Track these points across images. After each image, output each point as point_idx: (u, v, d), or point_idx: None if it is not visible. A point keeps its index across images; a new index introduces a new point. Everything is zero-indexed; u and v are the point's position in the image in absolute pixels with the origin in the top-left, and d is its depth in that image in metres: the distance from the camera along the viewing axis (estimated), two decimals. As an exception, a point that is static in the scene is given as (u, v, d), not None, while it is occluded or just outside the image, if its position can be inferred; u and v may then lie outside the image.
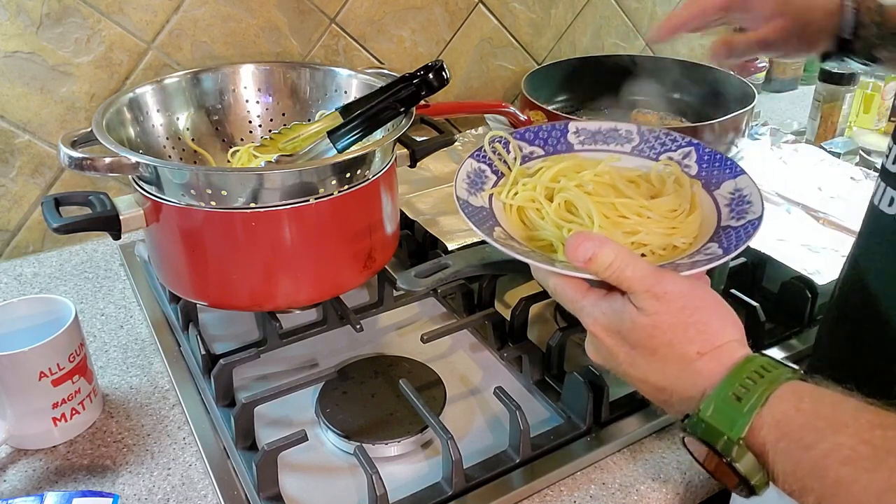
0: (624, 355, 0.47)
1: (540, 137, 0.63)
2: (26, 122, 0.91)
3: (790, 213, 0.97)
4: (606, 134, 0.64)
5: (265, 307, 0.73)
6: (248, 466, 0.61)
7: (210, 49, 0.99)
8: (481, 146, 0.61)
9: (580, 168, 0.59)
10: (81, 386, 0.67)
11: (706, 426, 0.43)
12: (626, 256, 0.46)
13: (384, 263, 0.77)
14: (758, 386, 0.42)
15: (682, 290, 0.46)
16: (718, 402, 0.43)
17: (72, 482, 0.63)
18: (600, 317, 0.48)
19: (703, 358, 0.45)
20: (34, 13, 0.87)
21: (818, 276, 0.81)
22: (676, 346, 0.45)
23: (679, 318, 0.45)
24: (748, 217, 0.54)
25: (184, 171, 0.67)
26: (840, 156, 1.11)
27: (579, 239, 0.47)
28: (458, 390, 0.72)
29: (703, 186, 0.59)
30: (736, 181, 0.58)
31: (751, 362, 0.44)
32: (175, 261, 0.71)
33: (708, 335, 0.45)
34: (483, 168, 0.60)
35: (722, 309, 0.47)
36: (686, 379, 0.45)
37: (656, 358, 0.46)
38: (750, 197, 0.56)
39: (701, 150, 0.61)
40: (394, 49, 1.14)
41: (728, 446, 0.42)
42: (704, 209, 0.57)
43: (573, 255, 0.47)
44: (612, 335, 0.48)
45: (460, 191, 0.57)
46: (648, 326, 0.45)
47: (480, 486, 0.61)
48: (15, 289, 0.90)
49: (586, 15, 1.31)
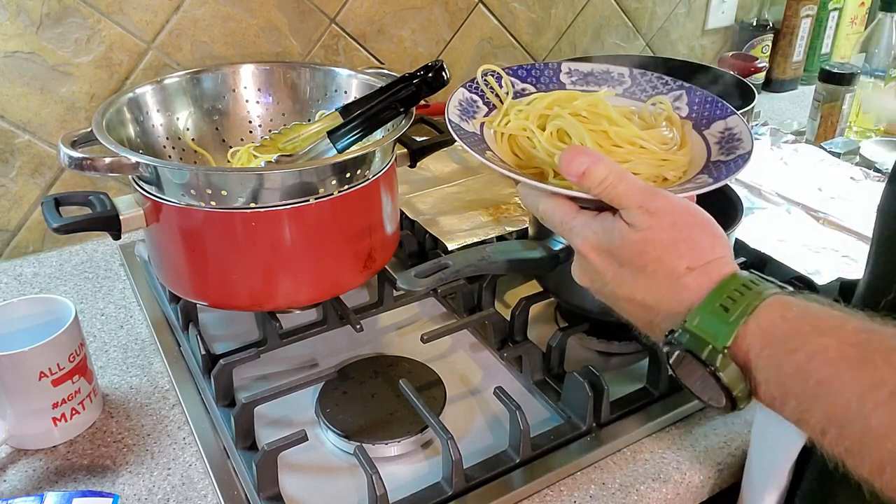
0: (612, 274, 0.47)
1: (532, 76, 0.63)
2: (26, 122, 0.91)
3: (790, 213, 0.97)
4: (599, 76, 0.65)
5: (265, 307, 0.73)
6: (248, 466, 0.61)
7: (210, 49, 0.99)
8: (474, 77, 0.60)
9: (574, 98, 0.59)
10: (81, 386, 0.67)
11: (691, 336, 0.43)
12: (620, 172, 0.46)
13: (384, 263, 0.77)
14: (745, 297, 0.42)
15: (673, 207, 0.46)
16: (705, 314, 0.43)
17: (72, 482, 0.63)
18: (590, 235, 0.48)
19: (692, 273, 0.44)
20: (34, 13, 0.87)
21: (818, 276, 0.81)
22: (666, 261, 0.45)
23: (670, 234, 0.45)
24: (738, 152, 0.54)
25: (184, 171, 0.67)
26: (840, 156, 1.11)
27: (574, 153, 0.47)
28: (458, 390, 0.72)
29: (694, 127, 0.59)
30: (726, 121, 0.58)
31: (738, 277, 0.44)
32: (175, 261, 0.71)
33: (697, 251, 0.45)
34: (475, 98, 0.60)
35: (712, 227, 0.47)
36: (674, 294, 0.45)
37: (645, 274, 0.46)
38: (740, 135, 0.56)
39: (692, 93, 0.61)
40: (394, 49, 1.14)
41: (713, 355, 0.42)
42: (694, 146, 0.57)
43: (567, 169, 0.46)
44: (601, 254, 0.47)
45: (452, 115, 0.56)
46: (639, 242, 0.45)
47: (480, 486, 0.61)
48: (15, 289, 0.90)
49: (586, 15, 1.31)
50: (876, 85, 1.24)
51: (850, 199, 0.99)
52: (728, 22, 1.52)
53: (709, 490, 0.66)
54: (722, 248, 0.46)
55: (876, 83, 1.25)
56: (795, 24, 1.47)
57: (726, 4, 1.49)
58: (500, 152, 0.56)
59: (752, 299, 0.42)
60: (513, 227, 0.89)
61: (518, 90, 0.62)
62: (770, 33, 1.47)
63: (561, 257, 0.68)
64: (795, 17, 1.47)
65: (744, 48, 1.48)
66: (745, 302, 0.42)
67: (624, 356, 0.77)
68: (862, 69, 1.24)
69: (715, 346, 0.42)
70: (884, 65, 1.24)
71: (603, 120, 0.56)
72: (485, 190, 0.98)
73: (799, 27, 1.48)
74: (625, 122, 0.56)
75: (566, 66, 0.64)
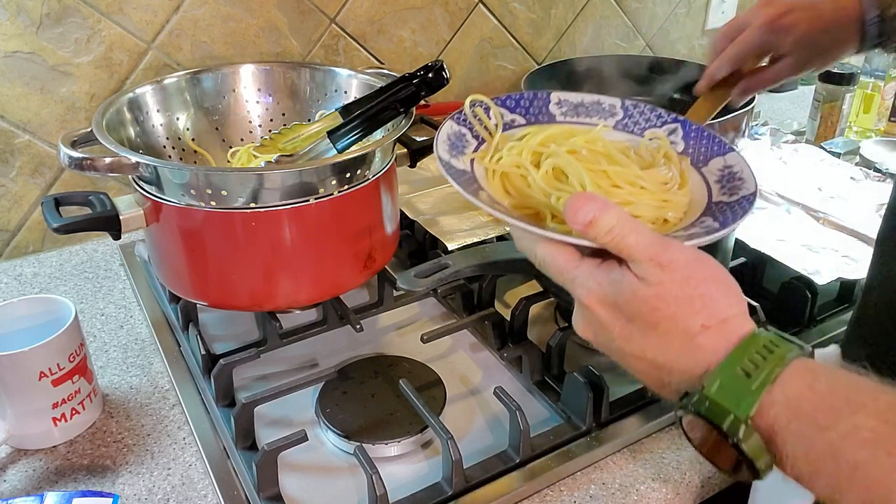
0: (620, 329, 0.44)
1: (521, 106, 0.61)
2: (26, 122, 0.91)
3: (790, 213, 0.97)
4: (589, 106, 0.62)
5: (265, 307, 0.73)
6: (248, 466, 0.61)
7: (210, 49, 0.99)
8: (461, 109, 0.58)
9: (570, 135, 0.57)
10: (81, 386, 0.67)
11: (710, 403, 0.40)
12: (629, 222, 0.43)
13: (384, 263, 0.77)
14: (767, 362, 0.39)
15: (687, 260, 0.43)
16: (725, 379, 0.40)
17: (72, 482, 0.63)
18: (595, 287, 0.44)
19: (708, 332, 0.42)
20: (34, 13, 0.87)
21: (818, 277, 0.81)
22: (680, 319, 0.42)
23: (684, 289, 0.42)
24: (742, 193, 0.52)
25: (184, 171, 0.67)
26: (840, 156, 1.12)
27: (581, 200, 0.43)
28: (458, 390, 0.72)
29: (691, 163, 0.57)
30: (725, 158, 0.56)
31: (758, 337, 0.41)
32: (175, 261, 0.71)
33: (713, 308, 0.42)
34: (464, 131, 0.57)
35: (727, 281, 0.44)
36: (688, 354, 0.42)
37: (657, 332, 0.43)
38: (741, 174, 0.54)
39: (687, 126, 0.59)
40: (394, 49, 1.14)
41: (735, 426, 0.39)
42: (693, 185, 0.55)
43: (573, 218, 0.43)
44: (607, 307, 0.44)
45: (442, 152, 0.53)
46: (651, 297, 0.42)
47: (480, 487, 0.61)
48: (15, 289, 0.90)
49: (586, 15, 1.31)
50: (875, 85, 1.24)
51: (850, 199, 0.99)
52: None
53: (709, 490, 0.66)
54: (738, 303, 0.43)
55: (876, 83, 1.25)
56: (795, 23, 1.47)
57: (726, 4, 1.48)
58: (492, 190, 0.53)
59: (775, 364, 0.39)
60: (513, 227, 0.89)
61: (507, 121, 0.59)
62: (770, 33, 1.47)
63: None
64: (795, 17, 1.47)
65: (744, 48, 1.48)
66: (769, 367, 0.39)
67: (624, 356, 0.77)
68: (862, 69, 1.24)
69: (738, 416, 0.39)
70: (884, 65, 1.24)
71: (602, 159, 0.54)
72: (485, 190, 0.98)
73: (799, 27, 1.47)
74: (625, 160, 0.54)
75: (556, 97, 0.62)
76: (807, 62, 0.74)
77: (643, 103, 0.62)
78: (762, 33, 0.73)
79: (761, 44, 0.73)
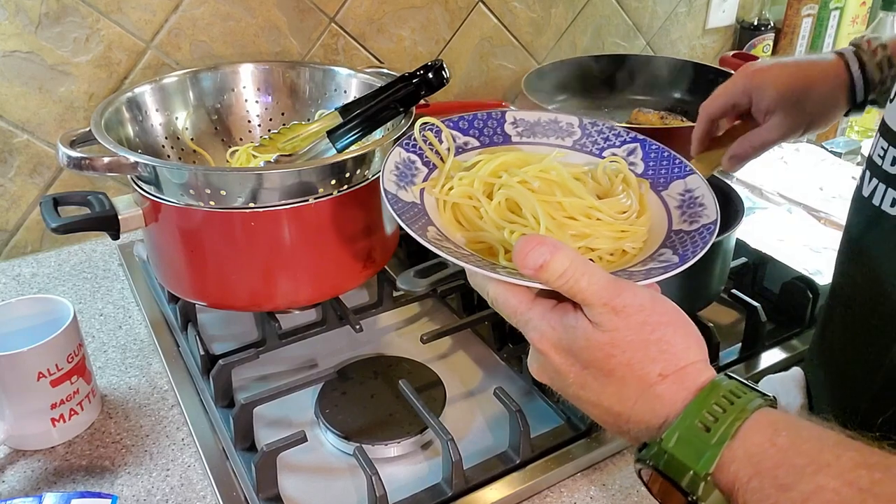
0: (574, 376, 0.42)
1: (475, 127, 0.59)
2: (25, 121, 0.91)
3: (791, 212, 0.96)
4: (546, 126, 0.61)
5: (264, 307, 0.73)
6: (247, 467, 0.61)
7: (209, 48, 0.99)
8: (410, 133, 0.55)
9: (524, 162, 0.54)
10: (80, 386, 0.66)
11: (669, 458, 0.38)
12: (582, 265, 0.41)
13: (384, 263, 0.77)
14: (727, 414, 0.38)
15: (643, 304, 0.41)
16: (683, 432, 0.38)
17: (70, 483, 0.63)
18: (548, 332, 0.43)
19: (666, 381, 0.40)
20: (33, 12, 0.87)
21: (819, 277, 0.81)
22: (636, 366, 0.40)
23: (640, 335, 0.40)
24: (702, 221, 0.50)
25: (183, 171, 0.67)
26: (841, 156, 1.11)
27: (531, 243, 0.41)
28: (458, 390, 0.72)
29: (651, 186, 0.55)
30: (685, 181, 0.54)
31: (718, 387, 0.39)
32: (174, 261, 0.71)
33: (670, 355, 0.41)
34: (413, 158, 0.54)
35: (685, 326, 0.42)
36: (645, 404, 0.40)
37: (612, 380, 0.41)
38: (702, 199, 0.52)
39: (647, 146, 0.57)
40: (394, 48, 1.14)
41: (694, 482, 0.37)
42: (653, 210, 0.53)
43: (522, 262, 0.41)
44: (561, 353, 0.43)
45: (388, 184, 0.51)
46: (605, 344, 0.41)
47: (480, 488, 0.61)
48: (13, 289, 0.89)
49: (586, 14, 1.31)
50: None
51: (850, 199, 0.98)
52: (729, 21, 1.51)
53: (710, 491, 0.65)
54: (697, 349, 0.42)
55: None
56: (796, 23, 1.47)
57: (727, 4, 1.48)
58: (443, 222, 0.51)
59: (735, 416, 0.38)
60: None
61: (460, 144, 0.57)
62: (771, 33, 1.47)
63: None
64: (796, 17, 1.47)
65: (745, 48, 1.48)
66: (729, 420, 0.38)
67: (624, 356, 0.76)
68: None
69: (697, 472, 0.37)
70: (884, 64, 1.24)
71: (556, 189, 0.51)
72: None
73: (800, 26, 1.47)
74: (580, 190, 0.52)
75: (511, 116, 0.60)
76: (794, 123, 0.70)
77: (601, 121, 0.60)
78: (742, 80, 0.71)
79: (742, 91, 0.71)
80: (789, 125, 0.70)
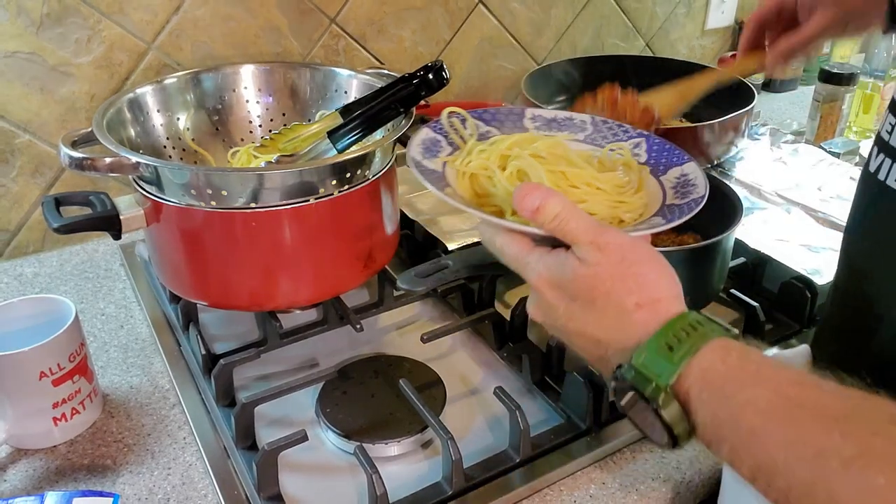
0: (564, 308, 0.48)
1: (497, 119, 0.65)
2: (27, 122, 0.91)
3: (790, 213, 0.97)
4: (561, 122, 0.66)
5: (265, 307, 0.73)
6: (248, 466, 0.61)
7: (210, 49, 0.99)
8: (438, 119, 0.62)
9: (534, 140, 0.60)
10: (82, 386, 0.67)
11: (636, 373, 0.44)
12: (572, 209, 0.47)
13: (384, 263, 0.78)
14: (690, 338, 0.43)
15: (622, 243, 0.47)
16: (650, 352, 0.44)
17: (72, 482, 0.63)
18: (544, 271, 0.49)
19: (641, 310, 0.45)
20: (34, 13, 0.87)
21: (818, 277, 0.81)
22: (614, 296, 0.46)
23: (619, 269, 0.46)
24: (692, 196, 0.55)
25: (184, 172, 0.67)
26: (840, 156, 1.11)
27: (528, 189, 0.48)
28: (458, 390, 0.72)
29: (651, 172, 0.60)
30: (682, 168, 0.60)
31: (685, 317, 0.45)
32: (175, 261, 0.71)
33: (646, 288, 0.46)
34: (439, 139, 0.61)
35: (660, 265, 0.47)
36: (622, 330, 0.46)
37: (594, 308, 0.46)
38: (695, 180, 0.57)
39: (651, 140, 0.63)
40: (394, 49, 1.14)
41: (655, 393, 0.43)
42: (651, 191, 0.58)
43: (521, 204, 0.48)
44: (553, 288, 0.48)
45: (414, 153, 0.58)
46: (589, 276, 0.46)
47: (480, 486, 0.61)
48: (15, 289, 0.90)
49: (586, 15, 1.31)
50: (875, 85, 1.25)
51: (849, 199, 0.98)
52: (728, 22, 1.52)
53: (709, 490, 0.66)
54: (670, 286, 0.47)
55: (875, 83, 1.25)
56: (795, 24, 1.47)
57: (726, 5, 1.49)
58: (460, 189, 0.57)
59: (696, 340, 0.43)
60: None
61: (482, 132, 0.63)
62: (770, 33, 1.47)
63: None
64: (795, 17, 1.47)
65: (744, 48, 1.48)
66: (690, 342, 0.43)
67: (624, 356, 0.77)
68: (862, 69, 1.24)
69: (658, 384, 0.42)
70: (883, 65, 1.24)
71: (562, 161, 0.57)
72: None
73: (799, 27, 1.48)
74: (583, 164, 0.57)
75: (530, 112, 0.66)
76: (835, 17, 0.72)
77: (612, 120, 0.65)
78: None
79: None
80: (830, 18, 0.72)
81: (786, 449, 0.37)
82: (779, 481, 0.38)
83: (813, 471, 0.36)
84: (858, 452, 0.35)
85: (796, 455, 0.37)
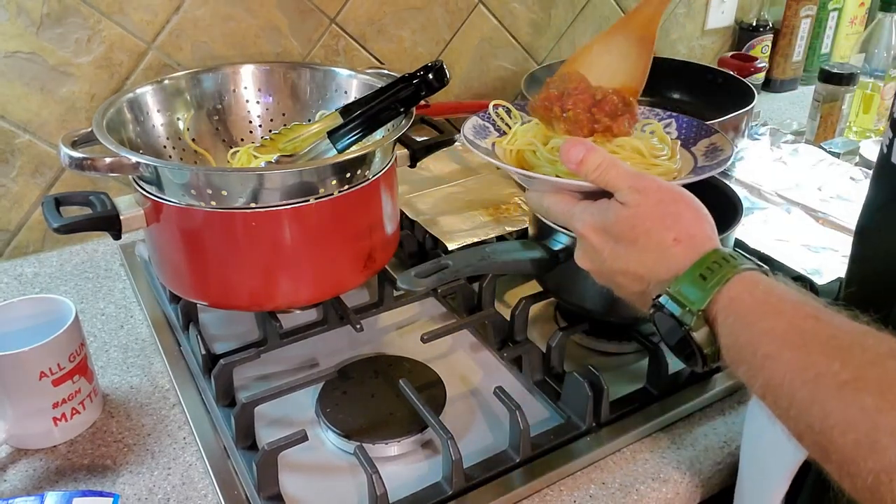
0: (609, 251, 0.53)
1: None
2: (27, 122, 0.91)
3: (790, 213, 0.97)
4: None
5: (265, 307, 0.73)
6: (248, 466, 0.61)
7: (210, 49, 0.99)
8: (486, 111, 0.70)
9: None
10: (82, 386, 0.67)
11: (671, 299, 0.48)
12: (612, 160, 0.53)
13: (384, 263, 0.78)
14: (721, 269, 0.47)
15: (659, 186, 0.52)
16: (686, 281, 0.48)
17: (72, 482, 0.63)
18: (588, 218, 0.54)
19: (679, 245, 0.50)
20: (34, 13, 0.87)
21: (818, 276, 0.81)
22: (654, 233, 0.50)
23: (657, 209, 0.51)
24: (720, 157, 0.63)
25: (184, 172, 0.67)
26: (840, 156, 1.11)
27: (572, 143, 0.54)
28: (458, 390, 0.72)
29: (682, 145, 0.67)
30: (710, 138, 0.67)
31: (719, 252, 0.49)
32: (175, 261, 0.71)
33: (682, 224, 0.50)
34: (487, 125, 0.69)
35: (696, 205, 0.52)
36: (662, 263, 0.50)
37: (637, 247, 0.51)
38: (722, 146, 0.65)
39: (681, 120, 0.70)
40: (394, 49, 1.14)
41: (688, 316, 0.47)
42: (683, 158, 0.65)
43: (566, 156, 0.54)
44: (598, 233, 0.53)
45: (468, 133, 0.66)
46: (630, 217, 0.51)
47: (480, 486, 0.61)
48: (15, 289, 0.90)
49: (586, 15, 1.31)
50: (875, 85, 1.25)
51: (849, 199, 0.99)
52: (728, 22, 1.52)
53: (709, 490, 0.66)
54: (705, 225, 0.51)
55: (875, 83, 1.25)
56: (795, 24, 1.47)
57: (726, 5, 1.49)
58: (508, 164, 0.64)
59: (727, 271, 0.47)
60: (513, 227, 0.89)
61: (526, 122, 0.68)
62: (770, 33, 1.47)
63: (561, 257, 0.68)
64: (795, 18, 1.47)
65: (743, 48, 1.48)
66: (722, 273, 0.47)
67: (624, 356, 0.77)
68: (861, 69, 1.24)
69: (690, 309, 0.47)
70: (883, 65, 1.24)
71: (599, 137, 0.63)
72: (485, 190, 0.98)
73: (798, 27, 1.48)
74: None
75: None
76: None
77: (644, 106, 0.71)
78: None
79: None
80: None
81: (791, 372, 0.41)
82: (782, 399, 0.42)
83: (811, 391, 0.40)
84: (853, 377, 0.39)
85: (799, 378, 0.41)
